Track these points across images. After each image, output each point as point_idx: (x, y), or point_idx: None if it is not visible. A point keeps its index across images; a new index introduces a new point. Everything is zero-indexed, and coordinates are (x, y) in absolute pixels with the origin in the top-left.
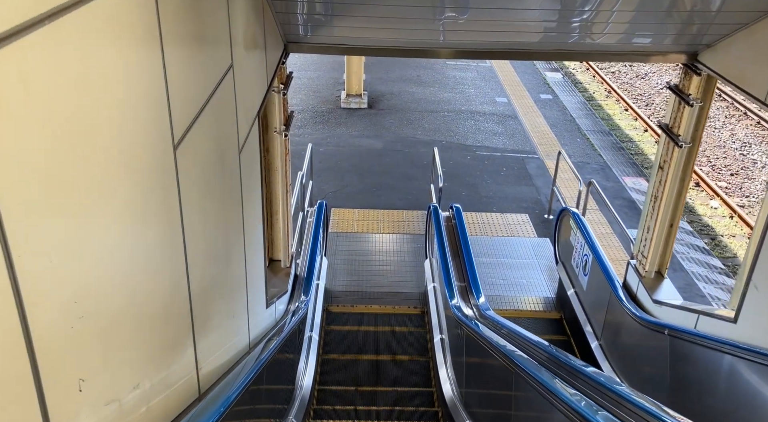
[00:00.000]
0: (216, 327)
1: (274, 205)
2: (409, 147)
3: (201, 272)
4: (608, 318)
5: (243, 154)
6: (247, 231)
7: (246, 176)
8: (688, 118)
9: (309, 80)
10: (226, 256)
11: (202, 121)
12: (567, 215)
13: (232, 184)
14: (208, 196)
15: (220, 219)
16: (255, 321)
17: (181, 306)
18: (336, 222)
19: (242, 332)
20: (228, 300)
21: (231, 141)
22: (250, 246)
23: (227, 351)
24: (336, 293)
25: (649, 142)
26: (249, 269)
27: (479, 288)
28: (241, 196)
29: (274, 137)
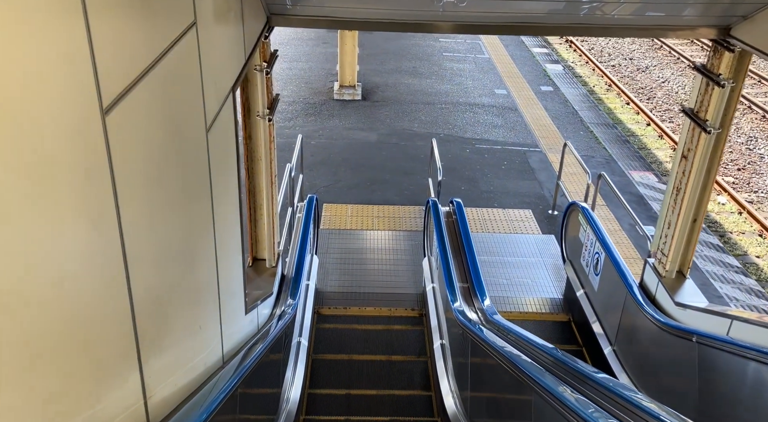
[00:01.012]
0: (174, 343)
1: (258, 199)
2: (406, 140)
3: (149, 279)
4: (623, 322)
5: (212, 134)
6: (219, 228)
7: (216, 161)
8: (717, 101)
9: (301, 71)
10: (187, 258)
11: (148, 86)
12: (575, 210)
13: (195, 169)
14: (159, 184)
15: (177, 212)
16: (231, 330)
17: (117, 322)
18: (328, 218)
19: (213, 345)
20: (192, 309)
21: (193, 116)
22: (224, 244)
23: (192, 369)
24: (327, 294)
25: (651, 136)
26: (222, 271)
27: (484, 290)
28: (210, 185)
29: (257, 122)
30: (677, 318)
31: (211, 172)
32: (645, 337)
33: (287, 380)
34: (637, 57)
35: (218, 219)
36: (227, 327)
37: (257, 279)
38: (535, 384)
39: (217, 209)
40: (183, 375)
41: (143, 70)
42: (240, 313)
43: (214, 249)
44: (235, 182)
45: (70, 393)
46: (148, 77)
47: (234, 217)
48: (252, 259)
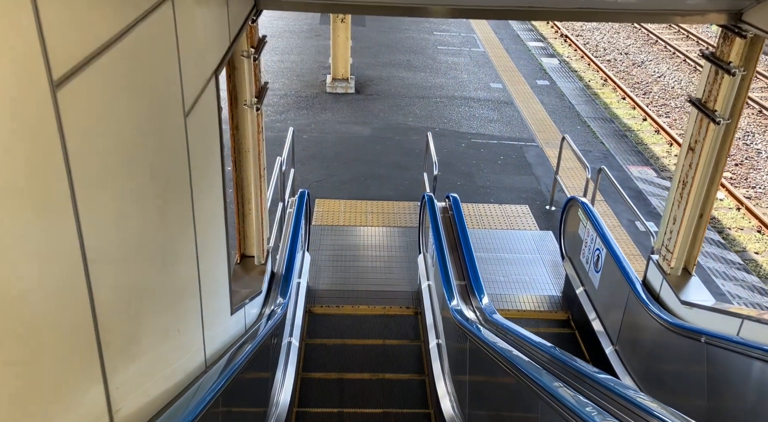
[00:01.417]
0: (147, 349)
1: (246, 193)
2: (400, 134)
3: (114, 279)
4: (626, 321)
5: (191, 119)
6: (201, 222)
7: (197, 150)
8: (727, 90)
9: (292, 64)
10: (162, 255)
11: (113, 60)
12: (575, 205)
13: (172, 158)
14: (128, 172)
15: (150, 205)
16: (214, 332)
17: (74, 329)
18: (320, 214)
19: (194, 349)
20: (168, 311)
21: (170, 99)
22: (206, 241)
23: (169, 377)
24: (320, 292)
25: (648, 131)
26: (204, 269)
27: (482, 288)
28: (190, 176)
29: (245, 112)
30: (683, 317)
31: (191, 161)
32: (649, 337)
33: (276, 384)
34: (632, 52)
35: (199, 213)
36: (210, 329)
37: (245, 277)
38: (543, 391)
39: (199, 202)
40: (158, 383)
41: (107, 42)
42: (225, 314)
43: (194, 245)
44: (218, 173)
45: (15, 416)
46: (114, 51)
47: (218, 211)
48: (240, 256)
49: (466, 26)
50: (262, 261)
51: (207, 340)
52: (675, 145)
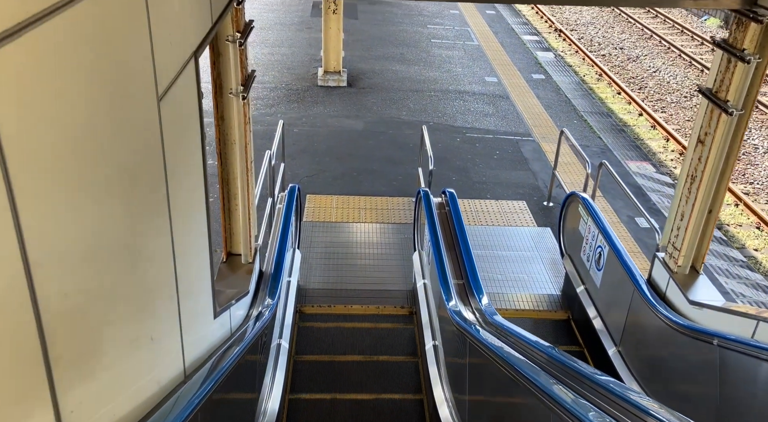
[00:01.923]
0: (110, 363)
1: (232, 188)
2: (393, 128)
3: (66, 283)
4: (630, 322)
5: (166, 104)
6: (178, 218)
7: (173, 138)
8: (740, 79)
9: (283, 56)
10: (129, 255)
11: (63, 25)
12: (575, 201)
13: (142, 145)
14: (83, 160)
15: (113, 198)
16: (195, 338)
17: (12, 343)
18: (311, 210)
19: (170, 358)
20: (137, 318)
21: (139, 79)
22: (185, 238)
23: (140, 391)
24: (311, 291)
25: (644, 126)
26: (182, 269)
27: (481, 287)
28: (164, 167)
29: (230, 101)
30: (692, 318)
31: (166, 150)
32: (656, 338)
33: (265, 388)
34: (627, 46)
35: (176, 207)
36: (190, 334)
37: (231, 276)
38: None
39: (176, 196)
40: (126, 401)
41: (56, 4)
42: (207, 317)
43: (170, 243)
44: (199, 165)
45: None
46: (65, 15)
47: (199, 206)
48: (226, 254)
49: (460, 20)
50: (250, 260)
51: (186, 347)
52: (672, 140)
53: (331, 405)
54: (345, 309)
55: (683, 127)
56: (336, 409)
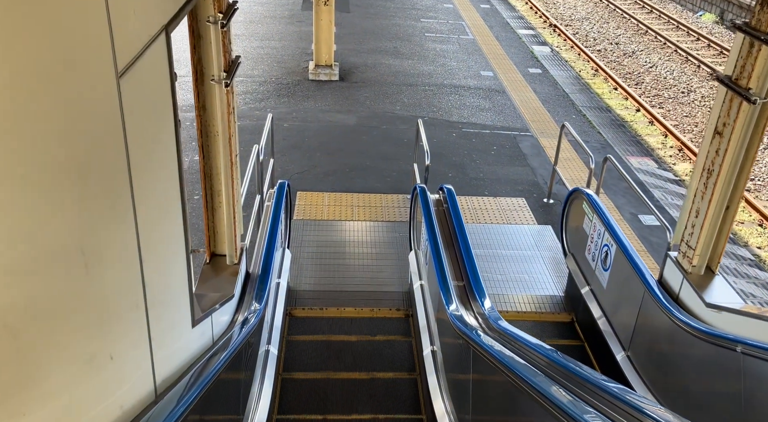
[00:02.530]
0: (58, 389)
1: (215, 183)
2: (387, 123)
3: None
4: (640, 325)
5: (128, 83)
6: (146, 216)
7: (138, 123)
8: (764, 64)
9: (273, 50)
10: (81, 259)
11: None
12: (579, 197)
13: (95, 130)
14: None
15: (55, 194)
16: (168, 352)
17: None
18: (302, 207)
19: (136, 378)
20: (93, 333)
21: (91, 51)
22: (155, 238)
23: (96, 420)
24: (301, 293)
25: (642, 122)
26: (151, 274)
27: (483, 290)
28: (127, 156)
29: (212, 88)
30: (709, 321)
31: (129, 137)
32: (670, 343)
33: (252, 397)
34: (623, 41)
35: (144, 205)
36: (163, 348)
37: (214, 279)
38: None
39: (142, 191)
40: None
41: None
42: (184, 326)
43: (135, 245)
44: (173, 156)
45: None
46: None
47: (173, 203)
48: (210, 255)
49: (454, 13)
50: (235, 261)
51: (157, 363)
52: (670, 136)
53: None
54: (337, 312)
55: (681, 123)
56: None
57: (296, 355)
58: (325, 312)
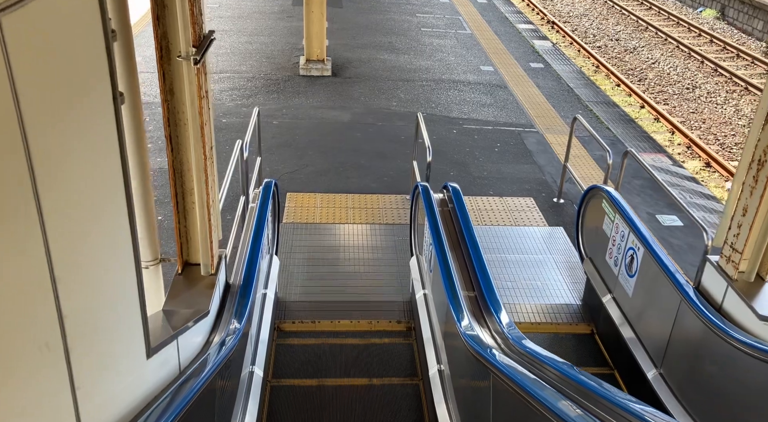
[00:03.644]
0: None
1: (186, 181)
2: (383, 120)
3: None
4: (676, 339)
5: (17, 21)
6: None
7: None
8: None
9: (262, 45)
10: None
11: None
12: (598, 195)
13: None
14: None
15: None
16: (105, 396)
17: None
18: (292, 210)
19: None
20: None
21: None
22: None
23: None
24: (291, 305)
25: (647, 119)
26: (75, 302)
27: (498, 302)
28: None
29: (179, 67)
30: (763, 336)
31: (23, 108)
32: (714, 361)
33: None
34: (623, 38)
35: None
36: (96, 393)
37: (187, 292)
38: None
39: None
40: None
41: None
42: (136, 358)
43: (44, 264)
44: (112, 140)
45: None
46: None
47: (113, 204)
48: (182, 265)
49: (451, 8)
50: (212, 271)
51: (85, 415)
52: (677, 133)
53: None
54: (331, 325)
55: (688, 120)
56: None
57: (286, 368)
58: (318, 325)
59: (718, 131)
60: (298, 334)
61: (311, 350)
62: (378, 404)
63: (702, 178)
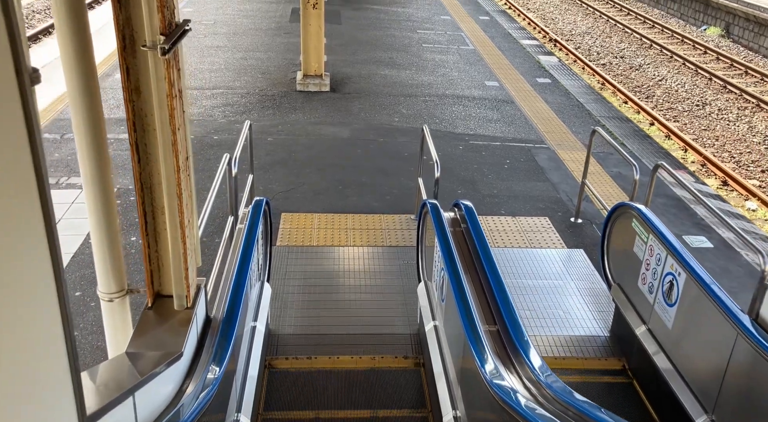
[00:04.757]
0: None
1: (156, 198)
2: (384, 136)
3: None
4: (731, 379)
5: None
6: None
7: None
8: None
9: (257, 61)
10: None
11: None
12: (626, 214)
13: None
14: None
15: None
16: None
17: None
18: (287, 231)
19: None
20: None
21: None
22: None
23: None
24: (284, 338)
25: (657, 137)
26: None
27: (526, 338)
28: None
29: (144, 59)
30: None
31: None
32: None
33: None
34: (628, 55)
35: None
36: None
37: (156, 331)
38: None
39: None
40: None
41: None
42: None
43: None
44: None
45: None
46: None
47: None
48: (152, 297)
49: (452, 25)
50: (187, 304)
51: None
52: (690, 150)
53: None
54: (330, 362)
55: (701, 137)
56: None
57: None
58: (315, 361)
59: (732, 148)
60: (291, 373)
61: (306, 391)
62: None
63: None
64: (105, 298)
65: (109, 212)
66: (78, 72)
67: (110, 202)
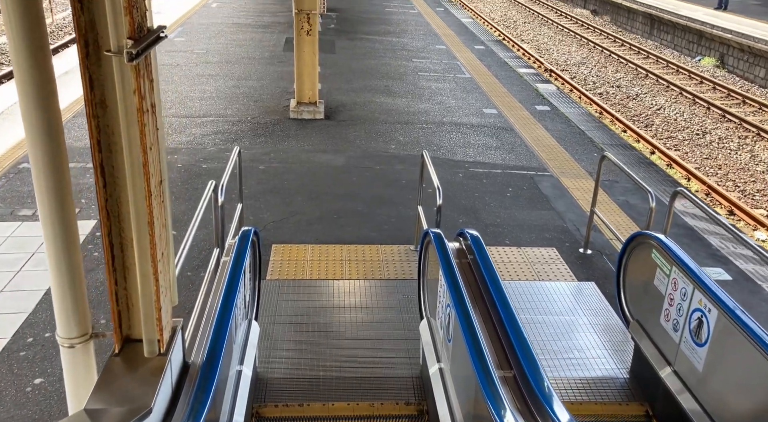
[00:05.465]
0: None
1: (123, 228)
2: (381, 163)
3: None
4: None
5: None
6: None
7: None
8: None
9: (250, 89)
10: None
11: None
12: (645, 244)
13: None
14: None
15: None
16: None
17: None
18: (279, 264)
19: None
20: None
21: None
22: None
23: None
24: (273, 383)
25: (659, 165)
26: None
27: (549, 387)
28: None
29: (108, 65)
30: None
31: None
32: None
33: None
34: (624, 85)
35: None
36: None
37: (122, 381)
38: None
39: None
40: None
41: None
42: None
43: None
44: None
45: None
46: None
47: None
48: (120, 342)
49: (448, 54)
50: (160, 349)
51: None
52: (693, 179)
53: None
54: (324, 409)
55: (703, 166)
56: None
57: None
58: (307, 409)
59: (736, 177)
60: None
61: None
62: None
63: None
64: (65, 344)
65: (70, 246)
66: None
67: (71, 234)
